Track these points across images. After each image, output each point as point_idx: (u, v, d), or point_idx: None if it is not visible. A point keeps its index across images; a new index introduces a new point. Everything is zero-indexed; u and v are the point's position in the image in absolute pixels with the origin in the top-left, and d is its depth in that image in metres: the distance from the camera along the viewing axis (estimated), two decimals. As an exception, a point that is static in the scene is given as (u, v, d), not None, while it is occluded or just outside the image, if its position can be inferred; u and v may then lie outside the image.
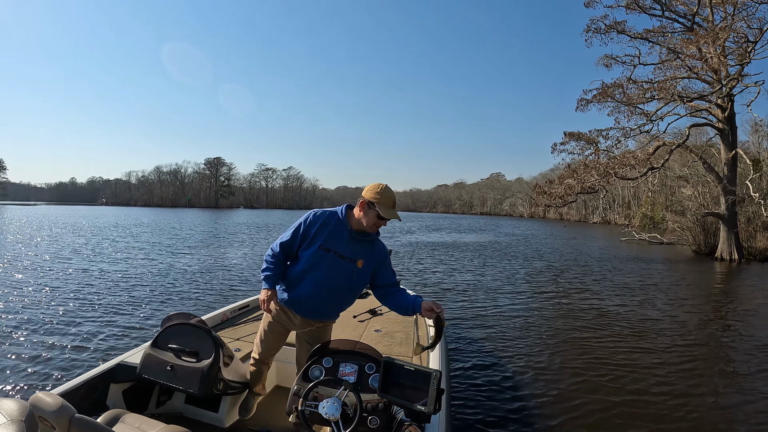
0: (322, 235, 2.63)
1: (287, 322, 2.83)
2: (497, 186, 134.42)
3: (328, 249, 2.61)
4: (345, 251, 2.63)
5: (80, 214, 54.30)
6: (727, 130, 19.47)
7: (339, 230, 2.64)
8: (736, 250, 19.34)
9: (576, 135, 22.93)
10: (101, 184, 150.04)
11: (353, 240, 2.65)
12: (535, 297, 10.25)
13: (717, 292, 12.13)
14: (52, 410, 1.62)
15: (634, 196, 60.72)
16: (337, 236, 2.63)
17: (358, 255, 2.66)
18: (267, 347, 2.97)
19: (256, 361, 3.04)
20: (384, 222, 2.62)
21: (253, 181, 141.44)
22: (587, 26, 22.91)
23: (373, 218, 2.58)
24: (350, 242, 2.64)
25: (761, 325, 8.28)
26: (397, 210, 2.70)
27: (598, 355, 6.16)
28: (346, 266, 2.64)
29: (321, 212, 2.71)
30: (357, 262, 2.65)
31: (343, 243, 2.63)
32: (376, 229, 2.67)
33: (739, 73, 18.21)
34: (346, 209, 2.70)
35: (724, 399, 4.88)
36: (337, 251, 2.62)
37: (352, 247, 2.65)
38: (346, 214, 2.68)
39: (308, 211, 2.74)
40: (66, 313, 7.63)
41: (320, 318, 2.80)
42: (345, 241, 2.63)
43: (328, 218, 2.67)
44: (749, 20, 17.95)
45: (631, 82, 21.71)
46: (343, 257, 2.63)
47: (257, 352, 3.01)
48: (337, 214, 2.68)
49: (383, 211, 2.56)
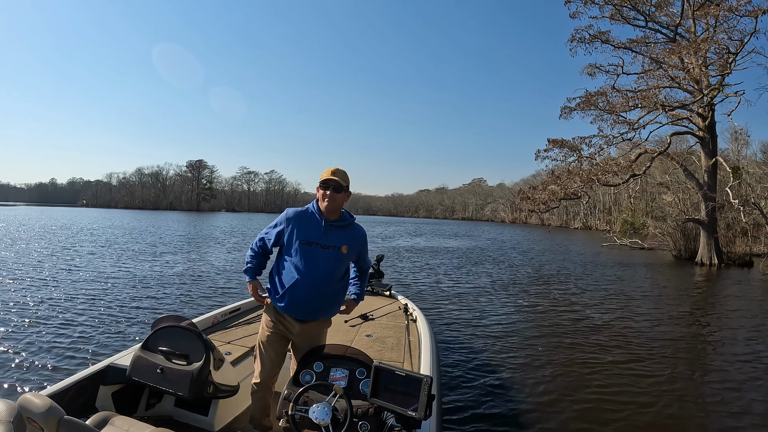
0: (300, 230, 2.71)
1: (284, 331, 2.80)
2: (479, 191, 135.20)
3: (309, 242, 2.69)
4: (326, 241, 2.70)
5: (61, 216, 53.06)
6: (708, 139, 20.03)
7: (314, 222, 2.73)
8: (716, 255, 19.85)
9: (559, 142, 23.28)
10: (82, 186, 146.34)
11: (330, 228, 2.73)
12: (523, 303, 10.32)
13: (698, 296, 12.45)
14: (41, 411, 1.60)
15: (614, 202, 61.82)
16: (313, 228, 2.72)
17: (341, 242, 2.74)
18: (269, 364, 2.85)
19: (258, 387, 2.87)
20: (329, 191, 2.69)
21: (235, 184, 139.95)
22: (572, 36, 23.38)
23: (321, 193, 2.71)
24: (328, 231, 2.72)
25: (740, 328, 8.59)
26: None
27: (586, 360, 6.26)
28: (332, 255, 2.71)
29: (295, 210, 2.81)
30: (341, 248, 2.73)
31: (320, 233, 2.71)
32: (332, 203, 2.70)
33: (720, 83, 18.78)
34: (317, 202, 2.79)
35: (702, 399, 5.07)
36: (319, 242, 2.69)
37: (332, 236, 2.73)
38: (317, 207, 2.77)
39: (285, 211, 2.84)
40: (55, 314, 7.52)
41: (318, 316, 2.81)
42: (322, 231, 2.71)
43: (302, 214, 2.77)
44: (730, 32, 18.54)
45: (615, 90, 22.17)
46: (326, 247, 2.70)
47: (258, 376, 2.88)
48: (310, 208, 2.79)
49: (320, 179, 2.72)
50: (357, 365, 2.52)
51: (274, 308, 2.80)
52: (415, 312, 4.99)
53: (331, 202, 2.69)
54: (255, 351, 2.93)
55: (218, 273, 13.01)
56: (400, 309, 5.18)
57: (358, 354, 2.63)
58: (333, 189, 2.69)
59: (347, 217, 2.84)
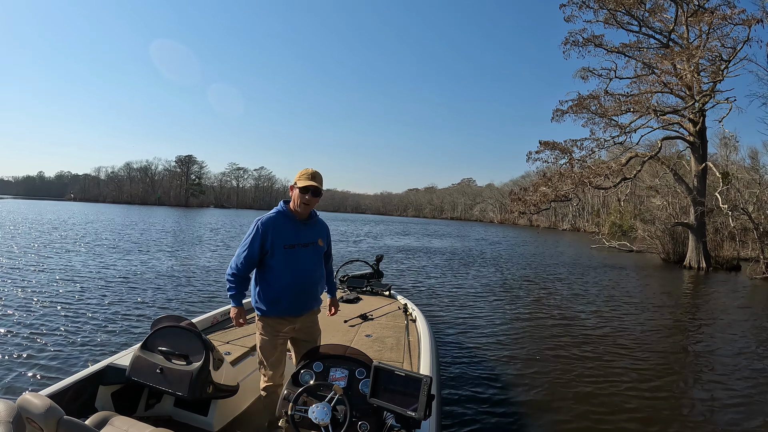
0: (278, 236, 2.77)
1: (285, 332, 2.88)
2: (468, 191, 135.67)
3: (292, 245, 2.79)
4: (303, 238, 2.85)
5: (49, 210, 52.45)
6: (698, 144, 20.26)
7: (289, 224, 2.83)
8: (704, 259, 20.11)
9: (551, 144, 23.42)
10: (70, 179, 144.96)
11: (303, 226, 2.87)
12: (520, 303, 10.38)
13: (686, 299, 12.62)
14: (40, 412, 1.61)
15: (603, 204, 62.38)
16: (290, 230, 2.81)
17: (316, 236, 2.93)
18: (277, 363, 2.90)
19: (269, 391, 2.89)
20: (308, 196, 2.78)
21: (224, 180, 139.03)
22: (566, 39, 23.44)
23: (297, 195, 2.79)
24: (302, 230, 2.86)
25: (727, 330, 8.72)
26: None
27: (582, 360, 6.35)
28: (312, 250, 2.89)
29: (266, 218, 2.81)
30: (318, 241, 2.93)
31: (297, 233, 2.83)
32: (307, 207, 2.82)
33: (712, 90, 18.98)
34: (284, 204, 2.89)
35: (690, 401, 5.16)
36: (299, 242, 2.82)
37: (308, 233, 2.89)
38: (287, 208, 2.86)
39: (254, 222, 2.83)
40: (55, 314, 7.50)
41: (312, 306, 2.98)
42: (299, 231, 2.84)
43: (275, 219, 2.82)
44: (723, 39, 18.75)
45: (607, 94, 22.34)
46: (306, 245, 2.85)
47: (266, 378, 2.90)
48: (281, 212, 2.85)
49: (299, 184, 2.77)
50: (356, 365, 2.53)
51: (268, 317, 2.84)
52: (414, 312, 5.00)
53: (307, 207, 2.82)
54: (258, 358, 2.95)
55: (217, 273, 12.95)
56: (400, 309, 5.18)
57: (358, 354, 2.64)
58: (312, 194, 2.79)
59: (314, 212, 2.98)
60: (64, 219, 35.40)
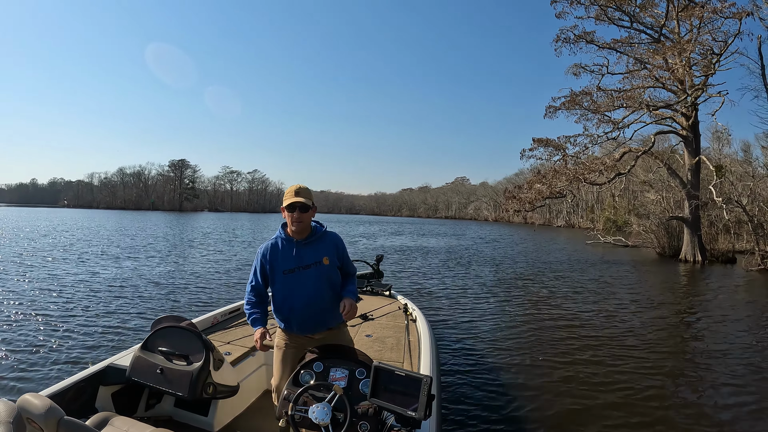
0: (277, 261, 2.75)
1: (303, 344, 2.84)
2: (462, 190, 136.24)
3: (291, 269, 2.73)
4: (304, 261, 2.74)
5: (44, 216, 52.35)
6: (691, 138, 20.36)
7: (287, 247, 2.77)
8: (700, 253, 20.20)
9: (544, 141, 23.46)
10: (63, 186, 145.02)
11: (304, 247, 2.76)
12: (519, 303, 10.34)
13: (682, 292, 12.66)
14: (40, 412, 1.61)
15: (597, 200, 62.69)
16: (289, 254, 2.75)
17: (320, 255, 2.77)
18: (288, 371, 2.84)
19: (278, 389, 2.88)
20: (296, 213, 2.68)
21: (218, 183, 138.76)
22: (557, 36, 23.50)
23: (287, 216, 2.72)
24: (302, 251, 2.75)
25: (723, 323, 8.74)
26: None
27: (582, 357, 6.33)
28: (316, 271, 2.74)
29: (264, 246, 2.82)
30: (322, 260, 2.76)
31: (297, 256, 2.74)
32: (299, 225, 2.71)
33: (704, 84, 19.08)
34: (282, 228, 2.83)
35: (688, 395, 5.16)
36: (299, 265, 2.73)
37: (309, 253, 2.75)
38: (284, 232, 2.81)
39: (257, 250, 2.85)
40: (55, 314, 7.56)
41: (328, 326, 2.86)
42: (298, 253, 2.74)
43: (274, 245, 2.79)
44: (714, 33, 18.82)
45: (600, 90, 22.41)
46: (307, 266, 2.73)
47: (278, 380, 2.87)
48: (279, 236, 2.81)
49: (284, 204, 2.71)
50: (357, 365, 2.52)
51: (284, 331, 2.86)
52: (414, 312, 4.99)
53: (299, 224, 2.71)
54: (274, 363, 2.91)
55: (217, 273, 13.02)
56: (400, 309, 5.16)
57: (358, 354, 2.64)
58: (300, 210, 2.70)
59: (318, 229, 2.85)
60: (54, 225, 35.18)
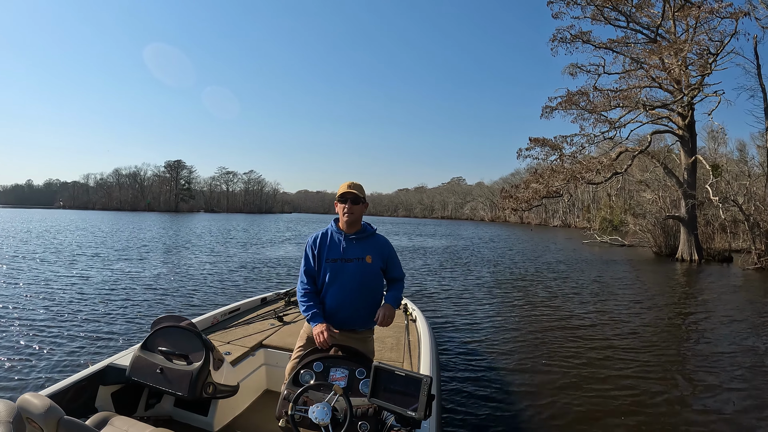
0: (324, 251, 2.87)
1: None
2: (458, 190, 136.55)
3: (334, 259, 2.83)
4: (348, 254, 2.84)
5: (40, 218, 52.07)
6: (687, 137, 20.44)
7: (335, 239, 2.90)
8: (696, 252, 20.28)
9: (541, 141, 23.52)
10: (58, 187, 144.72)
11: (351, 242, 2.88)
12: (518, 302, 10.33)
13: (680, 292, 12.66)
14: (40, 412, 1.61)
15: (593, 200, 62.86)
16: (335, 245, 2.87)
17: (364, 252, 2.86)
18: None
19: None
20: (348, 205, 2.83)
21: (214, 184, 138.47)
22: (553, 36, 23.58)
23: (339, 208, 2.88)
24: (349, 245, 2.87)
25: (723, 323, 8.73)
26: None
27: (582, 357, 6.30)
28: (356, 266, 2.82)
29: (314, 236, 2.96)
30: (365, 258, 2.85)
31: (342, 248, 2.85)
32: (350, 216, 2.84)
33: (700, 83, 19.15)
34: (334, 221, 2.98)
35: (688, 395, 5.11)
36: (343, 257, 2.83)
37: (354, 248, 2.86)
38: (336, 225, 2.95)
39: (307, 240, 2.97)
40: (55, 314, 7.57)
41: (354, 326, 2.87)
42: (344, 245, 2.86)
43: (324, 234, 2.93)
44: (711, 33, 18.91)
45: (596, 90, 22.46)
46: (349, 260, 2.83)
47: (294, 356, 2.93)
48: (330, 227, 2.96)
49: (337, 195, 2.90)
50: (357, 365, 2.53)
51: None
52: (414, 312, 4.99)
53: (350, 215, 2.83)
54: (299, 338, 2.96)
55: (217, 273, 13.01)
56: (400, 309, 5.12)
57: (358, 354, 2.64)
58: (351, 201, 2.83)
59: (368, 228, 2.98)
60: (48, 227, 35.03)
